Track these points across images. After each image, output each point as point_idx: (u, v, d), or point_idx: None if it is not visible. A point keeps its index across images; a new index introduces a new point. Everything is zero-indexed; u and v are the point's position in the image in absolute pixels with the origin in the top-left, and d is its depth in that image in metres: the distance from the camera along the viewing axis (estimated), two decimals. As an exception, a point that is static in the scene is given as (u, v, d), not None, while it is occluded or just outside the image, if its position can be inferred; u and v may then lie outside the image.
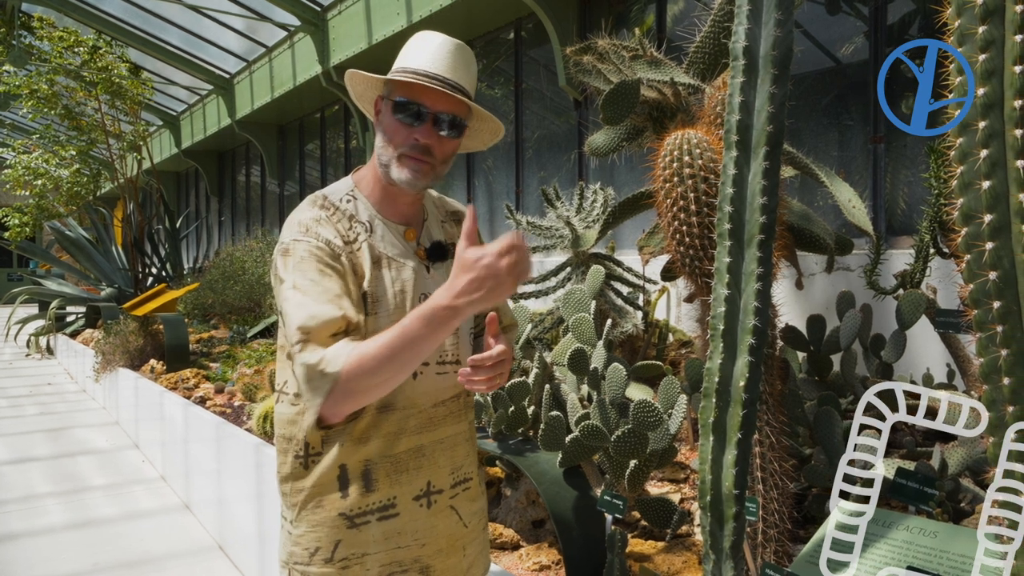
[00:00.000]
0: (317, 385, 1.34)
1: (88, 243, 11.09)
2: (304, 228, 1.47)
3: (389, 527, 1.52)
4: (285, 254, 1.46)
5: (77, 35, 10.07)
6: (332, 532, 1.50)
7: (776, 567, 1.68)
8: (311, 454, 1.51)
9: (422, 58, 1.50)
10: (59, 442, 6.54)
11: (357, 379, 1.33)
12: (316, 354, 1.34)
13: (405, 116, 1.49)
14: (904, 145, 4.46)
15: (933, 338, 3.29)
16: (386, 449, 1.52)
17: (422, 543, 1.56)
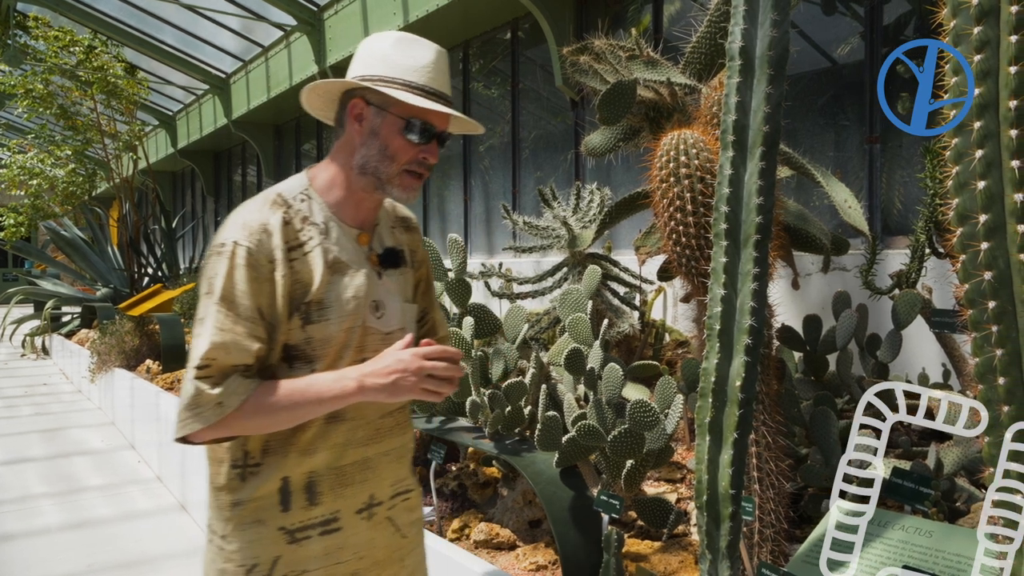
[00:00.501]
0: (205, 413, 1.32)
1: (84, 243, 11.06)
2: (248, 231, 1.40)
3: (331, 542, 1.47)
4: (221, 255, 1.38)
5: (72, 34, 10.04)
6: (271, 548, 1.43)
7: (772, 567, 1.69)
8: (249, 464, 1.44)
9: (425, 72, 1.47)
10: (55, 443, 6.53)
11: (246, 420, 1.35)
12: (216, 388, 1.32)
13: (416, 135, 1.47)
14: (900, 145, 4.47)
15: (929, 338, 3.29)
16: (332, 461, 1.48)
17: (360, 556, 1.52)
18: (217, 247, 1.39)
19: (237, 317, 1.36)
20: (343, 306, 1.46)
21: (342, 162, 1.51)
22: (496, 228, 8.24)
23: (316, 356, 1.44)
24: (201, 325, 1.36)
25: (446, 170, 9.21)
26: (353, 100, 1.48)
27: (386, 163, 1.47)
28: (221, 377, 1.33)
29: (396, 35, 1.50)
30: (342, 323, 1.45)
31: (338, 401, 1.39)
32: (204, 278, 1.40)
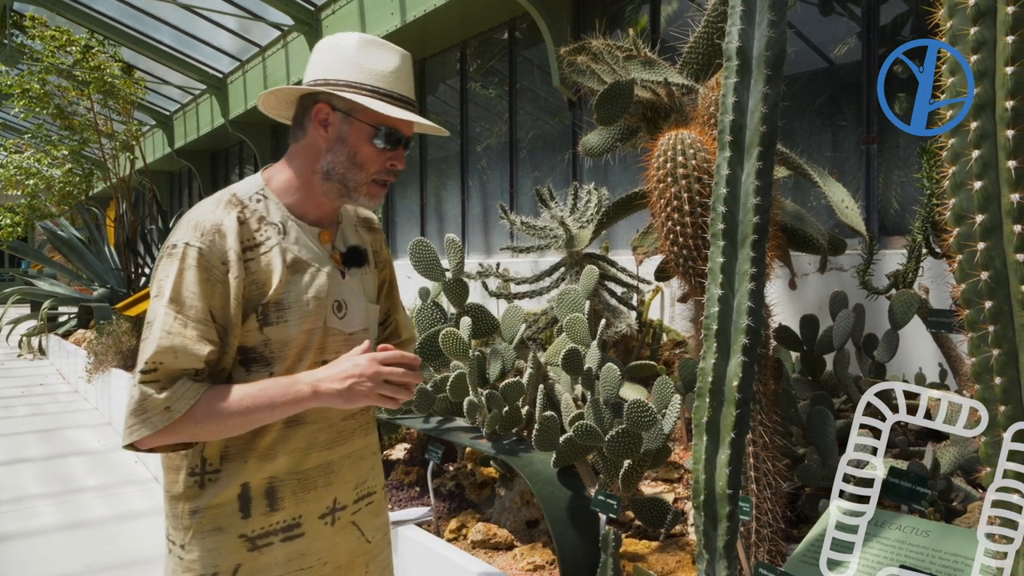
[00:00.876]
0: (151, 418, 1.28)
1: (80, 243, 11.04)
2: (200, 232, 1.36)
3: (293, 548, 1.44)
4: (172, 257, 1.35)
5: (69, 34, 10.02)
6: (231, 556, 1.40)
7: (770, 566, 1.69)
8: (208, 471, 1.40)
9: (393, 79, 1.44)
10: (51, 443, 6.52)
11: (196, 426, 1.31)
12: (164, 393, 1.29)
13: (386, 143, 1.44)
14: (897, 146, 4.47)
15: (925, 338, 3.30)
16: (294, 466, 1.44)
17: (324, 562, 1.49)
18: (168, 248, 1.36)
19: (187, 320, 1.32)
20: (303, 307, 1.43)
21: (303, 165, 1.47)
22: (493, 228, 8.24)
23: (275, 359, 1.41)
24: (149, 328, 1.32)
25: (444, 170, 9.21)
26: (318, 105, 1.44)
27: (354, 171, 1.45)
28: (168, 381, 1.30)
29: (358, 37, 1.46)
30: (302, 324, 1.42)
31: (292, 406, 1.36)
32: (154, 280, 1.36)
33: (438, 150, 9.35)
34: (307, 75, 1.47)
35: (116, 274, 10.86)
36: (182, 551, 1.41)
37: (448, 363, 3.14)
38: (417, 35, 8.05)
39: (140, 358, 1.31)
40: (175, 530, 1.43)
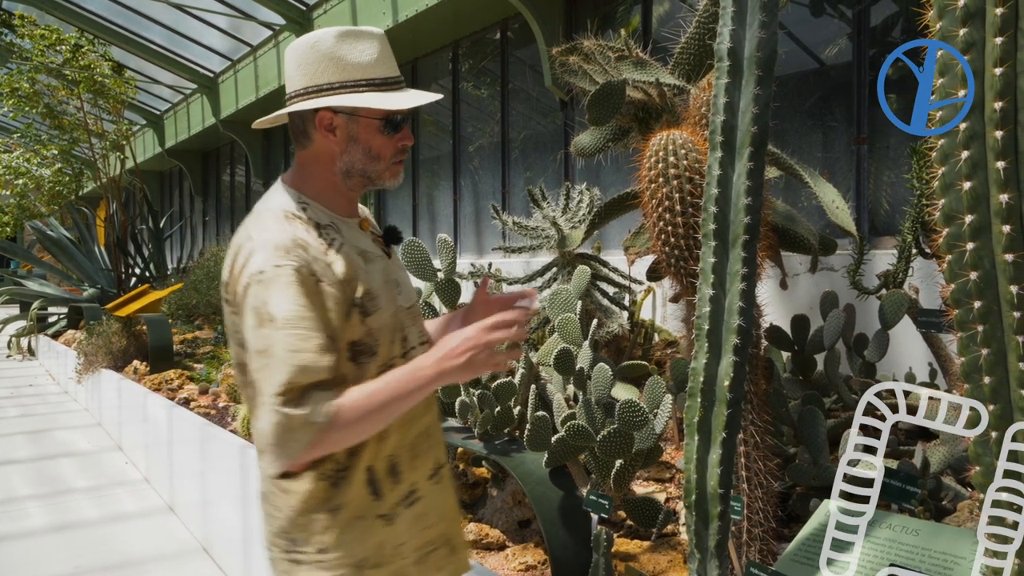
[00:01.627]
0: (297, 438, 1.30)
1: (70, 243, 10.98)
2: (284, 250, 1.36)
3: (415, 511, 1.53)
4: (265, 283, 1.34)
5: (59, 33, 9.97)
6: (373, 536, 1.47)
7: (761, 565, 1.69)
8: (339, 471, 1.45)
9: (380, 65, 1.46)
10: (41, 444, 6.48)
11: (340, 433, 1.33)
12: (302, 408, 1.30)
13: (394, 130, 1.47)
14: (887, 146, 4.49)
15: (915, 337, 3.32)
16: (402, 438, 1.52)
17: (442, 517, 1.59)
18: (255, 275, 1.34)
19: (305, 335, 1.33)
20: (385, 292, 1.50)
21: (322, 170, 1.49)
22: (486, 228, 8.23)
23: (376, 345, 1.46)
24: (266, 356, 1.32)
25: (436, 170, 9.20)
26: (320, 113, 1.45)
27: (373, 163, 1.48)
28: (302, 399, 1.31)
29: (332, 33, 1.44)
30: (389, 307, 1.49)
31: (422, 392, 1.40)
32: (248, 309, 1.34)
33: (430, 150, 9.35)
34: (293, 82, 1.46)
35: (106, 274, 10.80)
36: (320, 555, 1.45)
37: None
38: (409, 35, 8.04)
39: (268, 385, 1.31)
40: (306, 543, 1.45)
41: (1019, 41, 1.21)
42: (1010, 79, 1.22)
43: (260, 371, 1.33)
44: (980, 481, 1.35)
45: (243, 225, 1.46)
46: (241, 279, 1.37)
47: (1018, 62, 1.21)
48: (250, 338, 1.35)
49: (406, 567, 1.51)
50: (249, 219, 1.46)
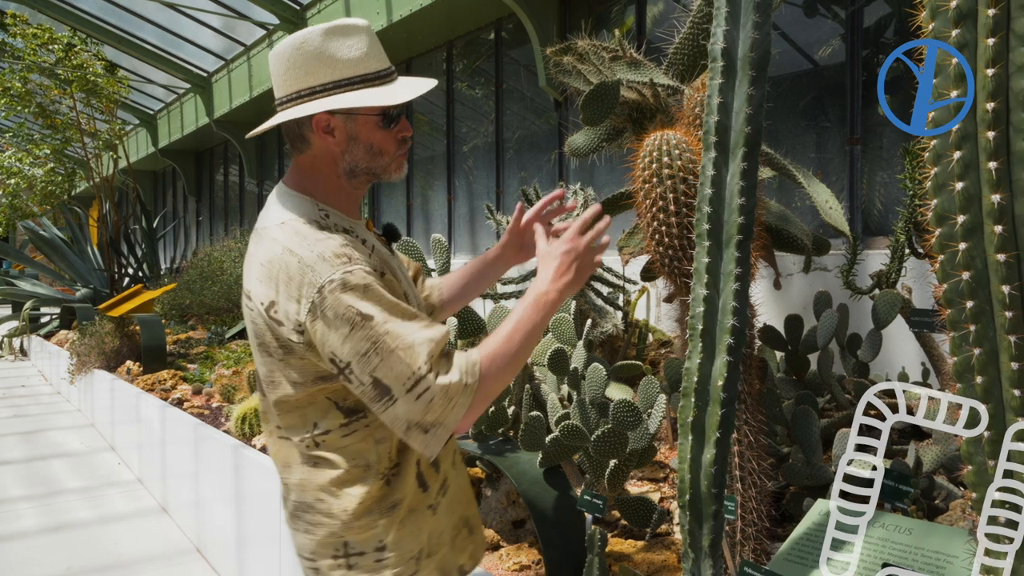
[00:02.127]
0: (459, 403, 1.31)
1: (63, 243, 10.94)
2: (344, 256, 1.33)
3: (447, 498, 1.56)
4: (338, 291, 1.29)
5: (51, 32, 9.93)
6: (425, 527, 1.50)
7: (755, 565, 1.70)
8: (391, 467, 1.46)
9: (371, 59, 1.42)
10: (33, 444, 6.45)
11: (492, 383, 1.35)
12: (452, 374, 1.31)
13: (393, 123, 1.45)
14: (880, 147, 4.51)
15: (908, 337, 3.33)
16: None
17: (463, 500, 1.62)
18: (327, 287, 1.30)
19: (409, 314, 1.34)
20: (411, 289, 1.52)
21: (325, 174, 1.46)
22: (480, 228, 8.23)
23: None
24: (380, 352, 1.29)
25: (430, 170, 9.19)
26: (317, 116, 1.41)
27: (377, 159, 1.46)
28: (448, 365, 1.32)
29: (319, 31, 1.39)
30: (415, 304, 1.51)
31: (548, 318, 1.43)
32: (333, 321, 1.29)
33: (425, 150, 9.34)
34: (283, 87, 1.42)
35: (99, 274, 10.77)
36: (380, 554, 1.45)
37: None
38: (403, 35, 8.03)
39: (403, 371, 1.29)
40: (363, 544, 1.45)
41: (1011, 42, 1.21)
42: (1002, 80, 1.22)
43: (378, 369, 1.30)
44: (972, 480, 1.36)
45: (268, 239, 1.39)
46: (304, 295, 1.31)
47: (1010, 63, 1.22)
48: (346, 349, 1.30)
49: (446, 553, 1.55)
50: (275, 232, 1.39)
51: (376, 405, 1.32)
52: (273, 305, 1.36)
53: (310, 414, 1.44)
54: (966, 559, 1.63)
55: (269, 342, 1.41)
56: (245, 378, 4.99)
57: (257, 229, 1.46)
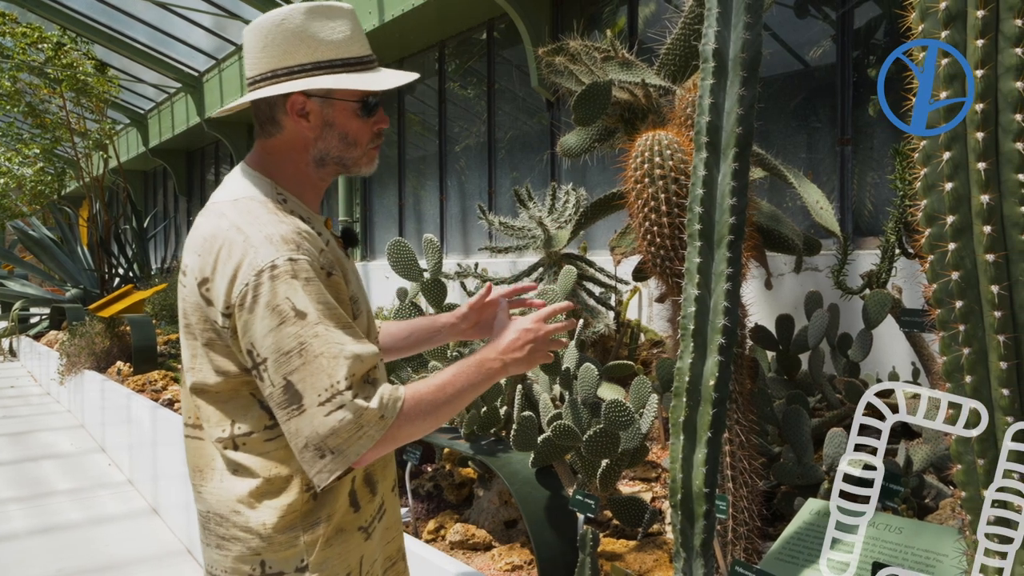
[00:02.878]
0: (368, 434, 1.20)
1: (52, 243, 10.88)
2: (293, 243, 1.25)
3: (383, 524, 1.48)
4: (279, 279, 1.21)
5: (41, 31, 9.87)
6: (356, 551, 1.39)
7: (746, 564, 1.70)
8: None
9: (353, 42, 1.34)
10: (22, 446, 6.41)
11: (407, 427, 1.26)
12: (372, 401, 1.21)
13: (371, 113, 1.37)
14: (871, 147, 4.53)
15: (898, 337, 3.34)
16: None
17: (399, 529, 1.56)
18: (267, 271, 1.21)
19: (344, 324, 1.24)
20: (362, 294, 1.43)
21: (293, 159, 1.38)
22: (472, 228, 8.23)
23: None
24: (304, 354, 1.19)
25: (422, 170, 9.18)
26: (292, 97, 1.33)
27: (350, 149, 1.38)
28: (366, 389, 1.22)
29: (302, 9, 1.32)
30: (366, 309, 1.43)
31: (486, 384, 1.37)
32: (262, 309, 1.20)
33: (416, 150, 9.33)
34: (257, 64, 1.35)
35: (89, 275, 10.71)
36: (300, 574, 1.34)
37: (426, 364, 3.13)
38: (396, 34, 8.02)
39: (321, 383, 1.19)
40: (284, 563, 1.33)
41: (1000, 44, 1.22)
42: (991, 81, 1.23)
43: (296, 373, 1.20)
44: (962, 479, 1.37)
45: (215, 213, 1.31)
46: (240, 275, 1.22)
47: (999, 64, 1.23)
48: (267, 343, 1.21)
49: None
50: (225, 207, 1.31)
51: (281, 412, 1.22)
52: (206, 282, 1.27)
53: (230, 410, 1.32)
54: (956, 557, 1.64)
55: (195, 323, 1.31)
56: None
57: (208, 204, 1.37)
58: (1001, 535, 1.24)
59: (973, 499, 1.36)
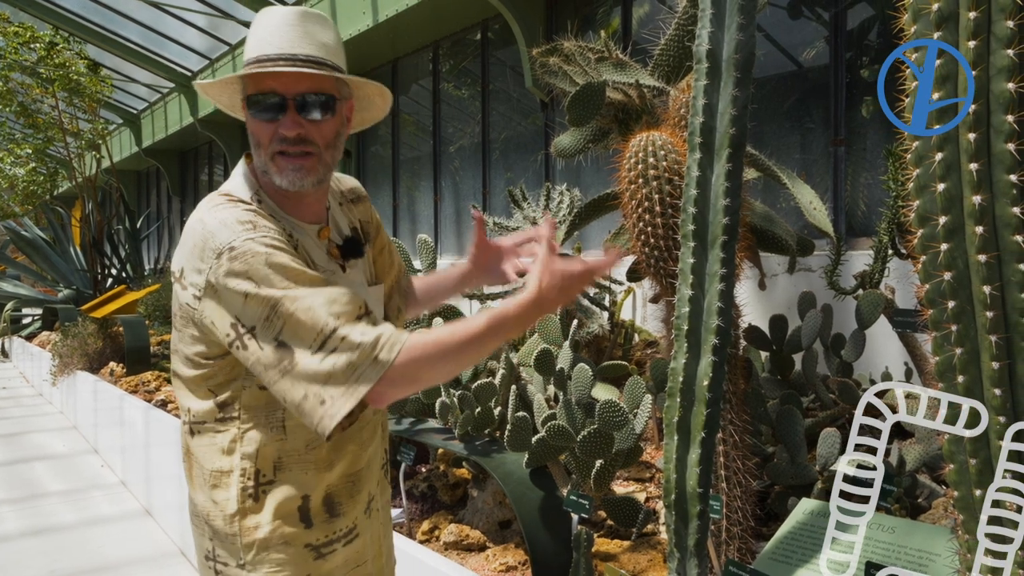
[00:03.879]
0: (366, 374, 1.16)
1: (45, 243, 10.84)
2: (248, 223, 1.24)
3: (351, 550, 1.41)
4: (241, 256, 1.20)
5: (33, 31, 9.83)
6: (299, 567, 1.34)
7: (740, 564, 1.70)
8: (261, 483, 1.32)
9: (263, 42, 1.30)
10: (14, 447, 6.38)
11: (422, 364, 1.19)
12: (368, 333, 1.17)
13: (262, 111, 1.30)
14: (864, 148, 4.54)
15: (892, 337, 3.35)
16: (347, 469, 1.39)
17: (373, 555, 1.47)
18: (226, 252, 1.21)
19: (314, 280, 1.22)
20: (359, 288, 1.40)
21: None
22: (466, 229, 8.23)
23: None
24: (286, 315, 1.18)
25: (416, 170, 9.18)
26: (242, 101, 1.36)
27: (258, 151, 1.34)
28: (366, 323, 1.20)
29: (261, 13, 1.34)
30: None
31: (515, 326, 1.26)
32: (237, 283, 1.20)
33: (411, 150, 9.32)
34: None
35: (82, 275, 10.67)
36: (241, 571, 1.33)
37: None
38: (389, 35, 8.01)
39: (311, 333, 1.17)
40: (229, 551, 1.34)
41: (992, 45, 1.23)
42: (983, 82, 1.24)
43: (284, 331, 1.19)
44: (954, 479, 1.37)
45: (195, 210, 1.34)
46: (204, 259, 1.23)
47: (991, 65, 1.23)
48: (248, 311, 1.20)
49: None
50: (201, 204, 1.34)
51: (273, 371, 1.20)
52: (183, 272, 1.29)
53: (187, 396, 1.37)
54: (948, 557, 1.65)
55: (175, 311, 1.34)
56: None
57: None
58: (1001, 535, 1.24)
59: (966, 499, 1.37)
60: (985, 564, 1.30)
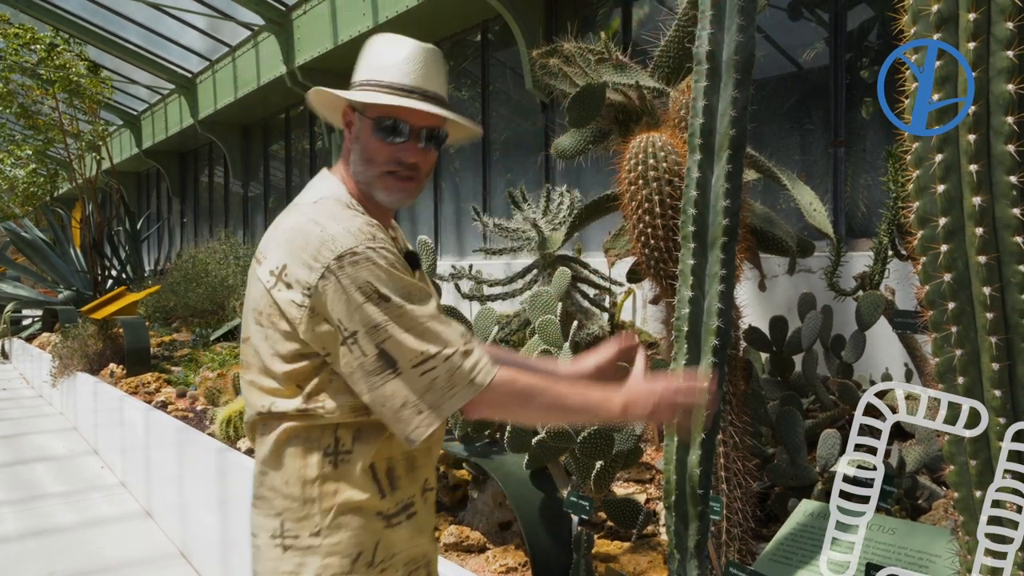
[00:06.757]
0: (461, 392, 1.31)
1: (45, 245, 10.84)
2: (370, 235, 1.34)
3: (412, 525, 1.49)
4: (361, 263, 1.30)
5: (34, 32, 9.84)
6: (372, 534, 1.42)
7: (740, 565, 1.70)
8: (340, 451, 1.41)
9: (397, 69, 1.43)
10: (15, 448, 6.38)
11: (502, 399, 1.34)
12: (464, 364, 1.31)
13: (387, 135, 1.42)
14: (864, 149, 4.54)
15: (891, 338, 3.35)
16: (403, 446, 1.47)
17: (430, 538, 1.57)
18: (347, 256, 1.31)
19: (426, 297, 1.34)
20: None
21: (350, 170, 1.49)
22: (466, 230, 8.23)
23: None
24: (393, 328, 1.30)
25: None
26: (344, 107, 1.48)
27: (366, 166, 1.45)
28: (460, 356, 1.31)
29: (384, 37, 1.48)
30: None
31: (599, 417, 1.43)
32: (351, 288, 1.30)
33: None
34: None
35: (82, 276, 10.67)
36: (319, 538, 1.40)
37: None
38: (389, 36, 8.01)
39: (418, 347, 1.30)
40: (301, 520, 1.40)
41: (991, 46, 1.23)
42: (983, 83, 1.24)
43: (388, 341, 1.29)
44: (954, 480, 1.37)
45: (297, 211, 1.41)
46: (319, 261, 1.31)
47: (990, 67, 1.23)
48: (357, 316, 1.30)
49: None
50: (306, 207, 1.41)
51: (374, 378, 1.30)
52: (285, 268, 1.36)
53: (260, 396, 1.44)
54: (949, 558, 1.65)
55: (264, 308, 1.40)
56: (230, 380, 4.96)
57: (291, 204, 1.49)
58: (1001, 535, 1.24)
59: (966, 500, 1.37)
60: (985, 564, 1.30)
